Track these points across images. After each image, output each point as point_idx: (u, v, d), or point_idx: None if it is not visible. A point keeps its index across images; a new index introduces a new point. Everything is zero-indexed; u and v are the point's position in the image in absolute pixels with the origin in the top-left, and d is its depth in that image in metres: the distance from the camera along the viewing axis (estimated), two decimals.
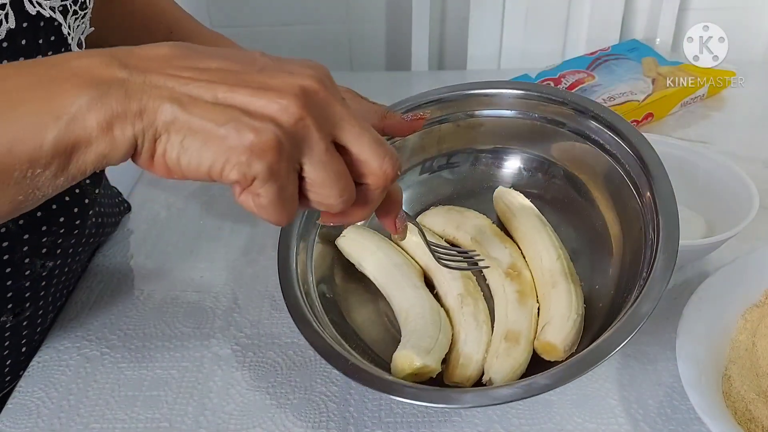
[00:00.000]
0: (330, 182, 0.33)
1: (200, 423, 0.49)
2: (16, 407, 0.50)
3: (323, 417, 0.49)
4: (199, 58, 0.32)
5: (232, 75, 0.32)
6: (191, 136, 0.31)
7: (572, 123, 0.54)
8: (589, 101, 0.54)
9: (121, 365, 0.53)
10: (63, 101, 0.29)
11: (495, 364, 0.45)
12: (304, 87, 0.32)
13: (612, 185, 0.52)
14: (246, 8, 1.10)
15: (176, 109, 0.30)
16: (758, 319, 0.53)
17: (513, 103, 0.56)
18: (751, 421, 0.45)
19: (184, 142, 0.31)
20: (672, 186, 0.47)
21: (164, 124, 0.30)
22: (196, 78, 0.31)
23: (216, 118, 0.30)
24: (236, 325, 0.57)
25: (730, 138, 0.84)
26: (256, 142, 0.30)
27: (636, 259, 0.46)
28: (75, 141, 0.30)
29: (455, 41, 1.12)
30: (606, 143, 0.52)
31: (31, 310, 0.54)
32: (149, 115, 0.30)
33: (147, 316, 0.58)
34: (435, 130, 0.59)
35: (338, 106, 0.33)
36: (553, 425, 0.48)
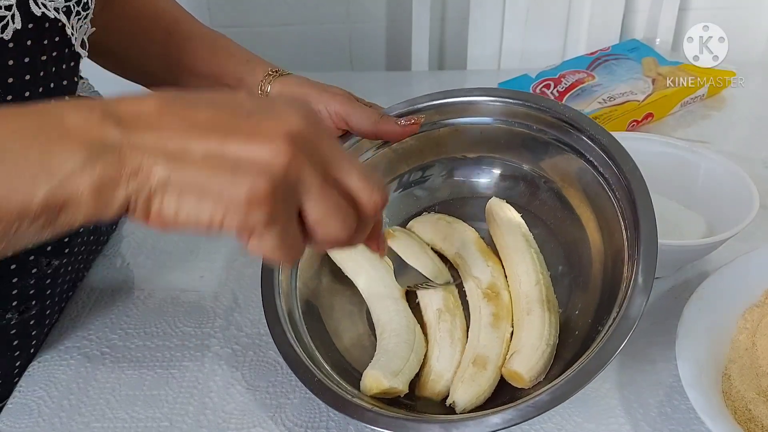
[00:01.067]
0: (331, 216, 0.33)
1: (201, 422, 0.49)
2: (16, 407, 0.50)
3: (323, 417, 0.49)
4: (186, 109, 0.32)
5: (221, 124, 0.32)
6: (187, 192, 0.31)
7: (563, 136, 0.53)
8: (579, 116, 0.53)
9: (122, 365, 0.53)
10: (57, 159, 0.29)
11: (460, 388, 0.46)
12: (292, 129, 0.32)
13: (602, 215, 0.51)
14: (246, 8, 1.10)
15: (170, 168, 0.31)
16: (758, 319, 0.53)
17: (505, 112, 0.56)
18: (751, 420, 0.45)
19: (180, 199, 0.31)
20: (655, 220, 0.46)
21: (159, 183, 0.31)
22: (186, 131, 0.31)
23: (210, 172, 0.31)
24: (236, 324, 0.57)
25: (730, 138, 0.84)
26: (251, 192, 0.31)
27: (614, 289, 0.46)
28: (65, 200, 0.30)
29: (455, 41, 1.12)
30: (598, 164, 0.51)
31: (37, 309, 0.54)
32: (143, 176, 0.31)
33: (147, 315, 0.58)
34: (433, 134, 0.58)
35: (327, 143, 0.34)
36: (553, 425, 0.48)
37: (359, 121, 0.55)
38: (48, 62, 0.47)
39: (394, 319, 0.50)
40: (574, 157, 0.52)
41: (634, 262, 0.44)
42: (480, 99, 0.56)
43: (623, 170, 0.48)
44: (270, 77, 0.58)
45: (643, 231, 0.45)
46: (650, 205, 0.46)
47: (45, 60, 0.47)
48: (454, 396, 0.46)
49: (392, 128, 0.55)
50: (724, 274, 0.54)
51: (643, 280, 0.44)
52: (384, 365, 0.46)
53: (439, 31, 1.13)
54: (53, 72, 0.48)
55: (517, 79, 0.94)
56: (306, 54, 1.15)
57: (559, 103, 0.55)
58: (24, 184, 0.29)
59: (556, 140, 0.53)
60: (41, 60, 0.46)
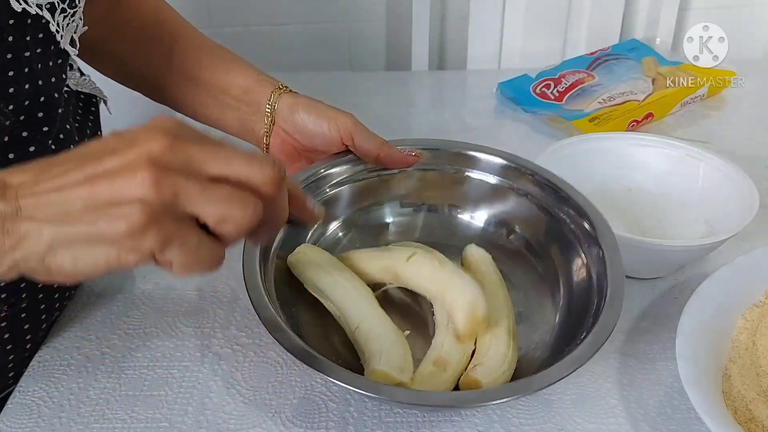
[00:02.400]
0: (226, 210, 0.34)
1: (200, 423, 0.49)
2: (16, 407, 0.50)
3: (323, 417, 0.49)
4: (57, 169, 0.34)
5: (88, 172, 0.33)
6: (76, 244, 0.33)
7: (542, 192, 0.57)
8: (552, 176, 0.57)
9: (122, 365, 0.53)
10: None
11: (417, 383, 0.46)
12: (152, 151, 0.33)
13: (570, 270, 0.54)
14: (246, 8, 1.10)
15: (54, 229, 0.33)
16: (758, 319, 0.53)
17: (495, 168, 0.59)
18: (751, 420, 0.45)
19: (73, 252, 0.33)
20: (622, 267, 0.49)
21: (48, 244, 0.33)
22: (60, 190, 0.33)
23: (90, 220, 0.33)
24: (236, 324, 0.57)
25: (730, 138, 0.84)
26: (130, 225, 0.32)
27: (574, 334, 0.47)
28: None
29: (455, 41, 1.12)
30: (572, 222, 0.55)
31: (27, 302, 0.54)
32: (31, 241, 0.33)
33: (147, 315, 0.58)
34: (421, 176, 0.60)
35: (194, 147, 0.34)
36: (553, 425, 0.48)
37: (365, 141, 0.56)
38: (33, 59, 0.47)
39: (379, 324, 0.50)
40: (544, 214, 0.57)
41: (603, 295, 0.47)
42: (471, 153, 0.60)
43: (592, 223, 0.53)
44: (279, 91, 0.60)
45: (609, 269, 0.48)
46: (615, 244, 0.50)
47: (29, 57, 0.47)
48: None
49: (395, 153, 0.57)
50: (724, 274, 0.54)
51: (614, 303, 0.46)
52: (388, 362, 0.46)
53: (439, 31, 1.13)
54: (39, 69, 0.48)
55: (517, 79, 0.94)
56: (305, 54, 1.15)
57: (538, 166, 0.58)
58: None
59: (530, 195, 0.58)
60: (25, 56, 0.46)
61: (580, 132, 0.81)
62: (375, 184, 0.60)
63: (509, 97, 0.92)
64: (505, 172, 0.59)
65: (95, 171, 0.33)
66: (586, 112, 0.86)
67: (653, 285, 0.60)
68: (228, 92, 0.62)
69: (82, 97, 0.60)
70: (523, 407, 0.49)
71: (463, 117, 0.91)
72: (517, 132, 0.87)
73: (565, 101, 0.89)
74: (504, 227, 0.59)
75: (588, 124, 0.83)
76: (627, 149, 0.69)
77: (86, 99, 0.60)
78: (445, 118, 0.90)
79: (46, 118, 0.50)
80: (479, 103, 0.95)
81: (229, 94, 0.62)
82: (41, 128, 0.50)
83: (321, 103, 0.59)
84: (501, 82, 0.94)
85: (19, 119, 0.48)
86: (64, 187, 0.33)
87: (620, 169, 0.69)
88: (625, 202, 0.67)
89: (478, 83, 1.01)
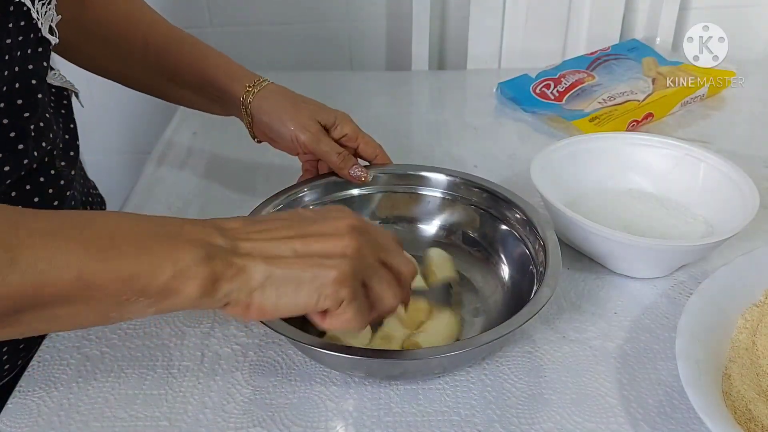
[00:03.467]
0: (387, 289, 0.43)
1: (200, 422, 0.49)
2: (16, 406, 0.50)
3: (323, 417, 0.49)
4: (265, 224, 0.41)
5: (298, 231, 0.41)
6: (285, 285, 0.39)
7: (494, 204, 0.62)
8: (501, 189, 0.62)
9: (121, 364, 0.53)
10: (180, 254, 0.37)
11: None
12: (353, 224, 0.42)
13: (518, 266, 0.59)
14: (246, 8, 1.10)
15: (269, 268, 0.39)
16: (758, 319, 0.53)
17: (445, 184, 0.65)
18: (751, 420, 0.45)
19: (279, 291, 0.39)
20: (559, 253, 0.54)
21: (259, 281, 0.38)
22: (273, 238, 0.40)
23: (302, 267, 0.39)
24: (236, 324, 0.57)
25: (730, 138, 0.84)
26: (338, 275, 0.39)
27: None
28: (179, 287, 0.37)
29: (455, 41, 1.12)
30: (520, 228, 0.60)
31: None
32: (247, 275, 0.38)
33: None
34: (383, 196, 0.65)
35: (376, 232, 0.44)
36: (552, 424, 0.48)
37: (324, 156, 0.61)
38: (14, 46, 0.47)
39: None
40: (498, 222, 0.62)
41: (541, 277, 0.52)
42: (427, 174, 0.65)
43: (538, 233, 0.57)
44: (250, 92, 0.61)
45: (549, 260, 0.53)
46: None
47: (10, 44, 0.47)
48: None
49: (348, 171, 0.62)
50: (724, 274, 0.54)
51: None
52: (344, 333, 0.51)
53: (439, 31, 1.13)
54: (19, 56, 0.48)
55: (517, 79, 0.94)
56: (306, 53, 1.15)
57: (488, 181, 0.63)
58: (153, 269, 0.36)
59: (485, 208, 0.63)
60: (6, 43, 0.47)
61: (580, 132, 0.81)
62: (347, 203, 0.64)
63: (509, 97, 0.92)
64: (450, 186, 0.65)
65: (302, 230, 0.41)
66: (586, 112, 0.86)
67: (653, 285, 0.60)
68: (207, 88, 0.63)
69: (53, 90, 0.60)
70: (523, 407, 0.49)
71: (463, 117, 0.91)
72: (517, 132, 0.87)
73: (565, 101, 0.89)
74: (456, 231, 0.65)
75: (588, 124, 0.83)
76: (627, 149, 0.69)
77: (58, 92, 0.61)
78: (445, 118, 0.90)
79: (25, 105, 0.50)
80: (479, 103, 0.95)
81: (209, 90, 0.63)
82: (22, 114, 0.50)
83: (289, 107, 0.61)
84: (501, 82, 0.94)
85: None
86: (274, 238, 0.40)
87: (620, 169, 0.69)
88: (625, 202, 0.67)
89: (478, 83, 1.01)
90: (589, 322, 0.56)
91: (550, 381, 0.51)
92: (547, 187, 0.61)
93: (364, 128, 0.65)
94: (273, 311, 0.39)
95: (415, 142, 0.86)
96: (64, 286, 0.35)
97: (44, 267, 0.34)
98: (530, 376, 0.52)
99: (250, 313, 0.39)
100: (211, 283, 0.37)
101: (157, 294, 0.37)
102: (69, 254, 0.35)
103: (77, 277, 0.35)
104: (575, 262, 0.63)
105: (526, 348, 0.54)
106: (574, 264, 0.63)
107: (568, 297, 0.59)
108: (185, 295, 0.37)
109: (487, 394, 0.50)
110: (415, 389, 0.51)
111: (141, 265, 0.36)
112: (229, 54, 0.66)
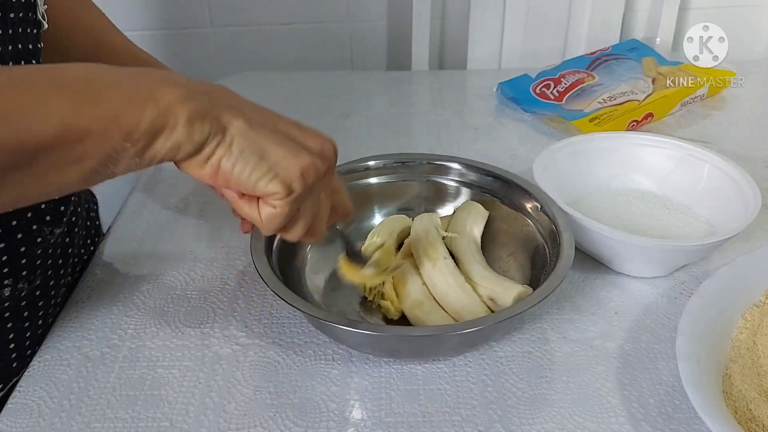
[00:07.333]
0: (319, 214, 0.45)
1: (201, 422, 0.49)
2: (16, 407, 0.50)
3: (323, 417, 0.49)
4: (250, 102, 0.41)
5: (280, 116, 0.41)
6: (250, 150, 0.38)
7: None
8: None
9: (122, 364, 0.53)
10: (161, 93, 0.35)
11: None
12: (332, 140, 0.43)
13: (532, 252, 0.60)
14: (246, 8, 1.10)
15: (245, 125, 0.38)
16: (759, 319, 0.53)
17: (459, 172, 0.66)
18: (752, 420, 0.45)
19: (243, 154, 0.38)
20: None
21: (233, 133, 0.37)
22: (259, 111, 0.40)
23: (277, 141, 0.39)
24: (236, 324, 0.57)
25: (730, 138, 0.84)
26: (309, 165, 0.39)
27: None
28: (164, 126, 0.35)
29: (455, 41, 1.12)
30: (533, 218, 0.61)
31: (41, 278, 0.55)
32: (223, 122, 0.37)
33: (148, 315, 0.58)
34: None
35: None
36: (554, 424, 0.48)
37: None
38: (16, 22, 0.48)
39: None
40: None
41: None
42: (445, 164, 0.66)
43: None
44: None
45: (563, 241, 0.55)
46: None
47: (13, 18, 0.47)
48: None
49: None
50: (725, 274, 0.54)
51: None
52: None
53: (439, 31, 1.13)
54: (20, 33, 0.48)
55: (517, 79, 0.94)
56: (306, 53, 1.15)
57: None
58: (134, 108, 0.35)
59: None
60: (10, 17, 0.47)
61: (580, 132, 0.81)
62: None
63: (509, 97, 0.92)
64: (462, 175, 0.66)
65: (288, 120, 0.41)
66: (586, 112, 0.86)
67: (653, 285, 0.60)
68: None
69: None
70: (523, 407, 0.49)
71: (463, 117, 0.91)
72: (517, 132, 0.87)
73: (565, 101, 0.89)
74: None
75: (588, 124, 0.83)
76: (630, 149, 0.69)
77: None
78: (445, 118, 0.90)
79: None
80: (479, 103, 0.95)
81: None
82: None
83: None
84: (501, 82, 0.94)
85: None
86: (261, 111, 0.40)
87: (623, 168, 0.69)
88: (627, 201, 0.67)
89: (478, 83, 1.01)
90: (590, 323, 0.56)
91: (551, 381, 0.51)
92: (550, 187, 0.61)
93: (364, 128, 0.65)
94: (227, 172, 0.38)
95: (415, 142, 0.86)
96: (49, 133, 0.33)
97: (26, 116, 0.32)
98: (531, 377, 0.52)
99: (205, 170, 0.38)
100: (197, 119, 0.36)
101: (144, 135, 0.35)
102: (50, 101, 0.33)
103: (60, 122, 0.33)
104: (576, 262, 0.62)
105: (527, 348, 0.54)
106: (574, 264, 0.62)
107: (568, 297, 0.59)
108: (169, 136, 0.36)
109: (488, 395, 0.50)
110: (416, 389, 0.51)
111: (124, 104, 0.35)
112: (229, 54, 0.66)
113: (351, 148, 0.71)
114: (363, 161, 0.66)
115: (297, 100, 0.96)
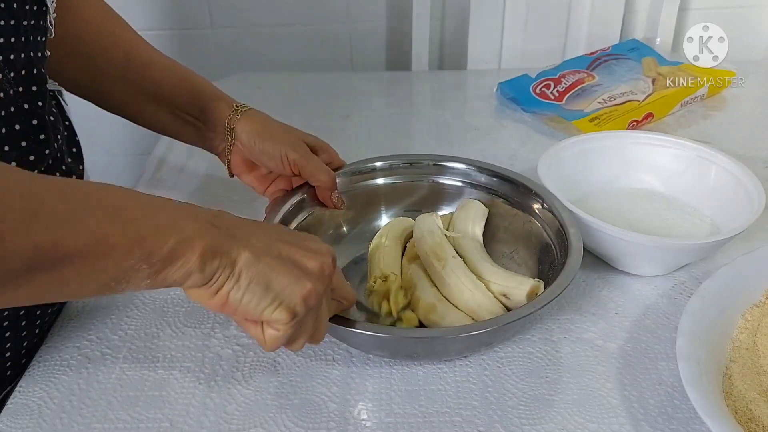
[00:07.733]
0: (325, 321, 0.46)
1: (202, 423, 0.49)
2: (17, 407, 0.50)
3: (323, 417, 0.49)
4: (254, 223, 0.44)
5: (282, 237, 0.43)
6: (256, 281, 0.40)
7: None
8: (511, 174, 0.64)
9: (123, 365, 0.53)
10: (183, 224, 0.39)
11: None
12: (332, 253, 0.45)
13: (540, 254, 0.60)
14: (246, 8, 1.10)
15: (252, 257, 0.40)
16: (759, 319, 0.53)
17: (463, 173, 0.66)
18: (752, 420, 0.46)
19: (250, 286, 0.40)
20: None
21: (241, 267, 0.40)
22: (267, 236, 0.42)
23: (280, 269, 0.41)
24: (236, 325, 0.57)
25: (730, 138, 0.84)
26: (310, 291, 0.42)
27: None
28: (181, 254, 0.38)
29: (455, 41, 1.12)
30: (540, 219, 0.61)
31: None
32: (233, 257, 0.40)
33: (148, 316, 0.58)
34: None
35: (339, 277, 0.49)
36: (554, 425, 0.48)
37: (311, 174, 0.62)
38: (29, 30, 0.48)
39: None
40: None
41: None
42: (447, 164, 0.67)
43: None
44: (236, 113, 0.62)
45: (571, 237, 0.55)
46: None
47: (26, 26, 0.48)
48: None
49: (330, 197, 0.63)
50: (725, 274, 0.54)
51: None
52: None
53: (439, 31, 1.13)
54: (32, 41, 0.49)
55: (517, 79, 0.94)
56: (306, 54, 1.15)
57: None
58: (159, 232, 0.38)
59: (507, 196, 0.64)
60: (23, 25, 0.47)
61: (580, 132, 0.81)
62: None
63: (509, 97, 0.92)
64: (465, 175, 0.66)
65: (292, 241, 0.43)
66: (586, 112, 0.86)
67: (654, 285, 0.60)
68: (187, 108, 0.64)
69: None
70: (524, 407, 0.49)
71: (464, 117, 0.91)
72: (517, 132, 0.87)
73: (565, 101, 0.89)
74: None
75: (588, 124, 0.83)
76: (634, 148, 0.70)
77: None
78: (445, 118, 0.90)
79: (38, 93, 0.50)
80: (479, 103, 0.95)
81: (187, 112, 0.64)
82: (37, 102, 0.50)
83: (277, 128, 0.62)
84: (501, 82, 0.94)
85: (18, 90, 0.48)
86: (269, 236, 0.43)
87: (627, 168, 0.69)
88: (631, 201, 0.67)
89: (478, 83, 1.01)
90: (590, 323, 0.56)
91: (552, 381, 0.51)
92: (554, 185, 0.61)
93: (364, 128, 0.65)
94: (235, 302, 0.40)
95: (416, 142, 0.86)
96: (80, 242, 0.35)
97: (63, 222, 0.35)
98: (531, 377, 0.52)
99: (214, 300, 0.40)
100: (209, 255, 0.39)
101: (161, 260, 0.37)
102: (85, 213, 0.36)
103: (92, 234, 0.36)
104: None
105: (527, 349, 0.54)
106: None
107: (569, 297, 0.59)
108: (186, 262, 0.38)
109: (489, 395, 0.50)
110: (417, 390, 0.51)
111: (149, 229, 0.37)
112: (230, 54, 0.66)
113: (351, 148, 0.71)
114: (369, 162, 0.66)
115: (297, 100, 0.96)
